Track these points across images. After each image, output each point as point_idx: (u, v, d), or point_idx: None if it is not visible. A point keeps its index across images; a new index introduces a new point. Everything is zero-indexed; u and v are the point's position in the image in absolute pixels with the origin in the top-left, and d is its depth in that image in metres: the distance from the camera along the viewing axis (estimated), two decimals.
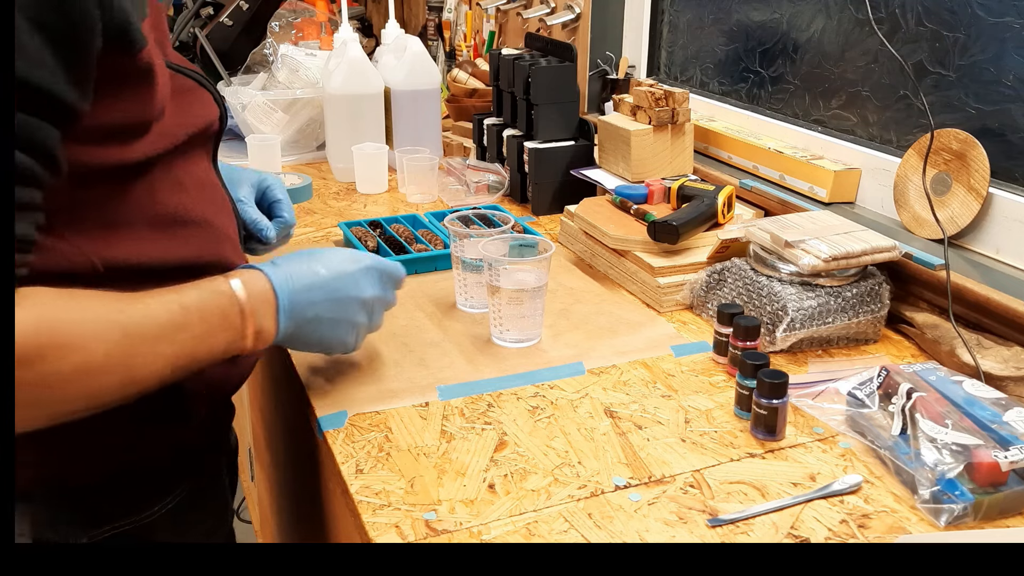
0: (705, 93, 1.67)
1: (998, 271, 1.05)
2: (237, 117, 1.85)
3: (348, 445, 0.88)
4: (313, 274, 0.85)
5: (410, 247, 1.31)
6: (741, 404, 0.92)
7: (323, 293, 0.85)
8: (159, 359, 0.70)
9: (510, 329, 1.05)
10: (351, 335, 0.90)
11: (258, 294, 0.79)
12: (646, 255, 1.19)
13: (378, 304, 0.93)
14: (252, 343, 0.79)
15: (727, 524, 0.77)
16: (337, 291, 0.87)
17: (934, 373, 0.92)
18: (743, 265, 1.10)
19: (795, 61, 1.44)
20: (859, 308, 1.05)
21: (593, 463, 0.85)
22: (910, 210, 1.17)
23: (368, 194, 1.65)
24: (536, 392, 0.97)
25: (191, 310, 0.73)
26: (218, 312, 0.75)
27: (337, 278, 0.87)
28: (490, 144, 1.66)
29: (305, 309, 0.84)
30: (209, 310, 0.74)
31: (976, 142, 1.08)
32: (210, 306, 0.75)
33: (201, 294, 0.74)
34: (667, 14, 1.77)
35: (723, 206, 1.24)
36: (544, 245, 1.04)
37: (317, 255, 0.88)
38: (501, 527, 0.76)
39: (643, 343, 1.07)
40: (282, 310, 0.81)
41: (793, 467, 0.85)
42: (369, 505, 0.79)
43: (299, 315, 0.83)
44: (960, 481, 0.77)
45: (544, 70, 1.49)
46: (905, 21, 1.21)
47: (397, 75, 1.74)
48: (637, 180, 1.38)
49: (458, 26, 2.51)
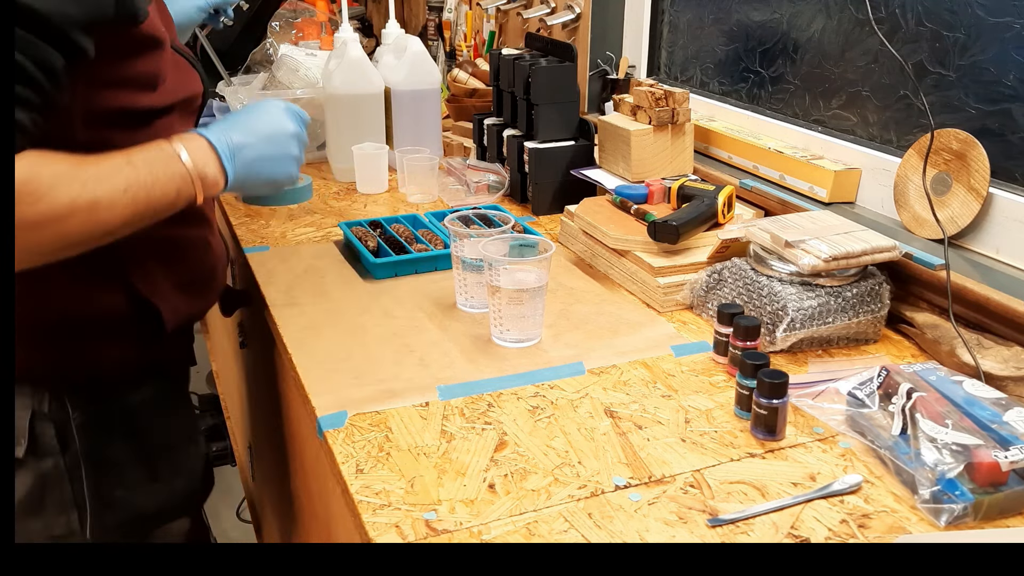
0: (705, 93, 1.67)
1: (998, 271, 1.05)
2: None
3: (348, 445, 0.88)
4: (242, 122, 1.00)
5: (410, 247, 1.31)
6: (741, 404, 0.92)
7: (256, 136, 0.99)
8: (116, 204, 0.83)
9: (510, 329, 1.05)
10: (293, 165, 1.04)
11: (196, 147, 0.92)
12: (646, 255, 1.19)
13: (301, 138, 1.06)
14: (203, 187, 0.92)
15: (727, 524, 0.77)
16: (268, 129, 1.01)
17: (934, 373, 0.92)
18: (743, 265, 1.10)
19: (795, 61, 1.44)
20: (859, 308, 1.05)
21: (593, 463, 0.85)
22: (910, 210, 1.17)
23: (368, 194, 1.65)
24: (536, 392, 0.97)
25: (137, 163, 0.86)
26: (161, 161, 0.89)
27: (263, 121, 1.01)
28: (490, 144, 1.66)
29: (244, 151, 0.97)
30: (153, 160, 0.88)
31: (976, 142, 1.08)
32: (153, 157, 0.88)
33: (145, 151, 0.88)
34: (667, 14, 1.77)
35: (723, 206, 1.24)
36: (544, 245, 1.04)
37: (243, 111, 1.03)
38: (501, 527, 0.76)
39: (643, 343, 1.08)
40: (223, 156, 0.95)
41: (793, 467, 0.85)
42: (369, 505, 0.79)
43: (241, 157, 0.97)
44: (960, 481, 0.77)
45: (544, 70, 1.49)
46: (905, 21, 1.21)
47: (397, 75, 1.74)
48: (637, 180, 1.38)
49: (458, 26, 2.51)
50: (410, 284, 1.24)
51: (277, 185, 1.04)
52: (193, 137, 0.94)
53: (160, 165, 0.88)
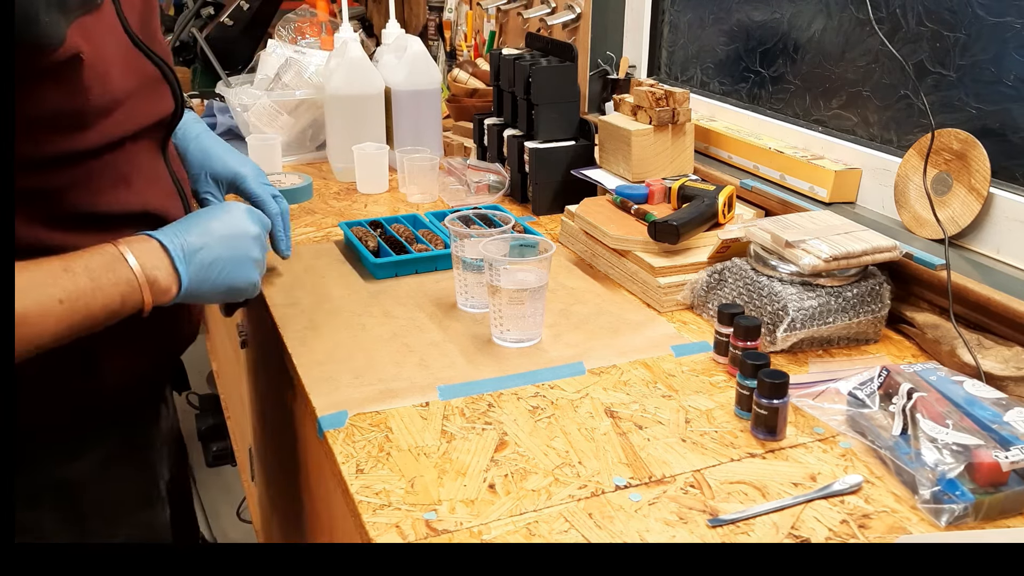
0: (706, 93, 1.67)
1: (999, 271, 1.05)
2: (238, 118, 1.85)
3: (348, 445, 0.88)
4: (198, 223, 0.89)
5: (411, 247, 1.31)
6: (741, 404, 0.92)
7: (213, 236, 0.89)
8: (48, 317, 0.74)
9: (511, 329, 1.05)
10: (254, 271, 0.94)
11: (145, 249, 0.83)
12: (646, 255, 1.19)
13: (261, 241, 0.96)
14: (151, 294, 0.82)
15: (727, 524, 0.77)
16: (226, 230, 0.90)
17: (935, 373, 0.92)
18: (744, 265, 1.10)
19: (796, 61, 1.43)
20: (860, 308, 1.05)
21: (593, 463, 0.85)
22: (911, 210, 1.17)
23: (368, 194, 1.65)
24: (536, 392, 0.97)
25: (76, 269, 0.77)
26: (103, 266, 0.79)
27: (222, 221, 0.91)
28: (490, 144, 1.66)
29: (200, 253, 0.87)
30: (94, 266, 0.78)
31: (977, 142, 1.08)
32: (95, 263, 0.79)
33: (86, 255, 0.79)
34: (668, 14, 1.77)
35: (723, 206, 1.23)
36: (544, 245, 1.04)
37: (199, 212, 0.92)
38: (501, 527, 0.76)
39: (643, 343, 1.07)
40: (175, 258, 0.84)
41: (793, 467, 0.85)
42: (369, 505, 0.79)
43: (196, 260, 0.87)
44: (961, 481, 0.77)
45: (544, 70, 1.49)
46: (906, 21, 1.21)
47: (398, 75, 1.74)
48: (638, 180, 1.38)
49: (459, 26, 2.51)
50: (410, 284, 1.24)
51: (236, 292, 0.93)
52: (142, 239, 0.84)
53: (103, 270, 0.79)
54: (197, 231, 0.88)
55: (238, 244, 0.91)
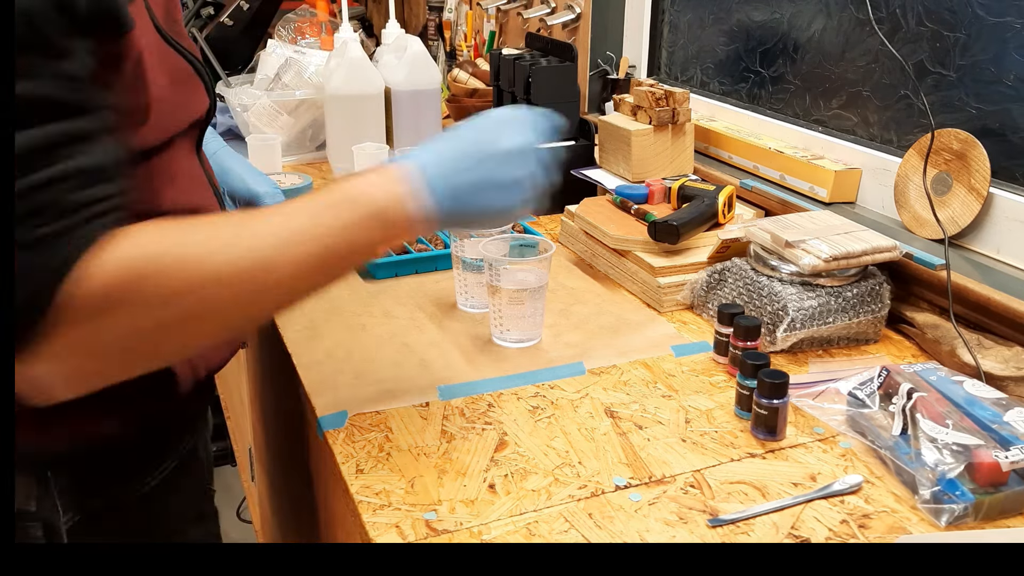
0: (706, 93, 1.67)
1: (999, 271, 1.05)
2: (237, 118, 1.85)
3: (348, 445, 0.88)
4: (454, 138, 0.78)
5: (410, 247, 1.31)
6: (741, 404, 0.92)
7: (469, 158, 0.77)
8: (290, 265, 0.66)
9: (510, 329, 1.05)
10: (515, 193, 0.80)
11: (389, 174, 0.72)
12: (646, 255, 1.19)
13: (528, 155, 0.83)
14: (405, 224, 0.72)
15: (727, 524, 0.77)
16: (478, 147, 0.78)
17: (935, 373, 0.92)
18: (743, 265, 1.10)
19: (795, 61, 1.43)
20: (859, 308, 1.05)
21: (593, 463, 0.85)
22: (911, 210, 1.17)
23: None
24: (536, 392, 0.97)
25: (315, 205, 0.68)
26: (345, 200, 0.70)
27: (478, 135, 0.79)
28: None
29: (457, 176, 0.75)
30: (334, 200, 0.70)
31: (977, 142, 1.08)
32: (334, 197, 0.70)
33: (318, 194, 0.70)
34: (667, 14, 1.77)
35: (723, 206, 1.23)
36: (544, 245, 1.04)
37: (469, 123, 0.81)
38: (501, 527, 0.76)
39: (643, 343, 1.07)
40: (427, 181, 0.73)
41: (793, 467, 0.85)
42: (369, 505, 0.79)
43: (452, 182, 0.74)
44: (961, 481, 0.77)
45: (544, 70, 1.49)
46: (906, 21, 1.21)
47: (398, 75, 1.74)
48: (637, 180, 1.38)
49: (458, 26, 2.51)
50: (410, 284, 1.24)
51: (498, 217, 0.80)
52: (384, 164, 0.75)
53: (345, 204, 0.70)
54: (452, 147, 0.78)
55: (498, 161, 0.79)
